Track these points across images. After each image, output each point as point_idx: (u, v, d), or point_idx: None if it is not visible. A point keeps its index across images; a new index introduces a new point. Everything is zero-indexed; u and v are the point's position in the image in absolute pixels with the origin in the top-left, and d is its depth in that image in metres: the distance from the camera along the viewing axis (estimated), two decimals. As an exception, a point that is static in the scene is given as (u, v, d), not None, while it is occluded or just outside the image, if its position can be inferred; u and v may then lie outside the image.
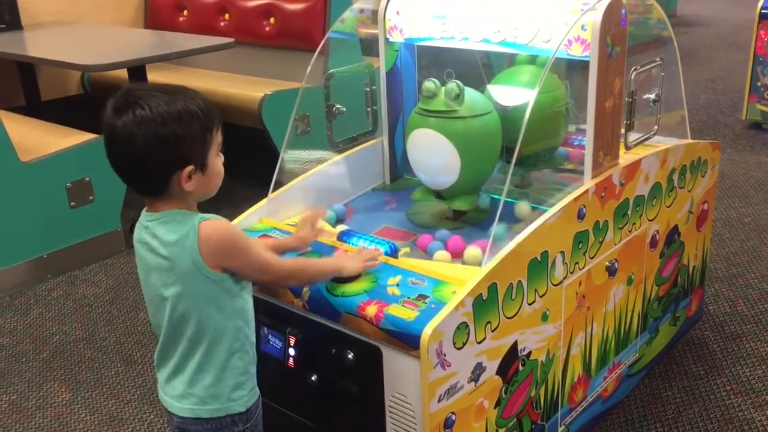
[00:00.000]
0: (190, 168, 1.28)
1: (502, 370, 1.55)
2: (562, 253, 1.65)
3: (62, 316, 2.71)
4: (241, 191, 1.77)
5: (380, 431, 1.50)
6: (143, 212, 1.35)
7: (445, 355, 1.39)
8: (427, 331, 1.35)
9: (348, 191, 2.03)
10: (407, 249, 1.73)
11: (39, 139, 3.07)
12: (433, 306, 1.42)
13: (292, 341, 1.58)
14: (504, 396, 1.58)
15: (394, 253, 1.62)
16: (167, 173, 1.27)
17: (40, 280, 2.94)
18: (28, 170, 2.84)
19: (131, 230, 3.50)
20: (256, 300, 1.48)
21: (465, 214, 1.87)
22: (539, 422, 1.73)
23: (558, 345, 1.73)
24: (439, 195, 1.85)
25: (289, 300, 1.57)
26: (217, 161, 1.34)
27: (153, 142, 1.24)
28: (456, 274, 1.51)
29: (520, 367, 1.61)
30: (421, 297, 1.46)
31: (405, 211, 1.95)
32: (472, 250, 1.64)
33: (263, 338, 1.64)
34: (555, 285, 1.66)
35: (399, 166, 2.11)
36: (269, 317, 1.62)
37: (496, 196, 1.90)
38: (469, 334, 1.44)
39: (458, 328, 1.41)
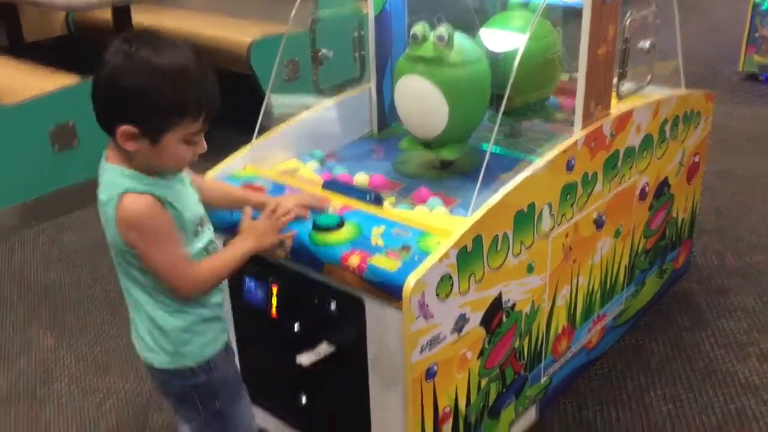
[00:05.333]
0: (129, 128, 1.19)
1: (485, 322, 1.55)
2: (549, 204, 1.63)
3: (48, 263, 2.69)
4: (232, 138, 1.73)
5: (362, 382, 1.50)
6: (103, 157, 1.29)
7: (427, 306, 1.38)
8: (410, 282, 1.34)
9: (334, 139, 1.99)
10: (392, 199, 1.70)
11: (22, 82, 3.00)
12: (416, 257, 1.40)
13: (274, 291, 1.57)
14: (487, 347, 1.58)
15: (378, 202, 1.59)
16: (108, 117, 1.20)
17: (25, 226, 2.91)
18: (9, 113, 2.78)
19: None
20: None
21: (453, 164, 1.84)
22: (522, 373, 1.74)
23: (543, 297, 1.72)
24: (426, 144, 1.81)
25: (271, 249, 1.55)
26: (178, 147, 1.22)
27: (111, 77, 1.18)
28: (441, 224, 1.49)
29: (504, 319, 1.60)
30: (405, 248, 1.43)
31: (392, 161, 1.91)
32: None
33: (246, 288, 1.62)
34: (541, 237, 1.64)
35: (387, 115, 2.07)
36: (252, 266, 1.59)
37: (485, 146, 1.86)
38: (452, 285, 1.42)
39: (441, 279, 1.39)
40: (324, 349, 1.52)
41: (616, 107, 1.78)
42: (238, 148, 1.80)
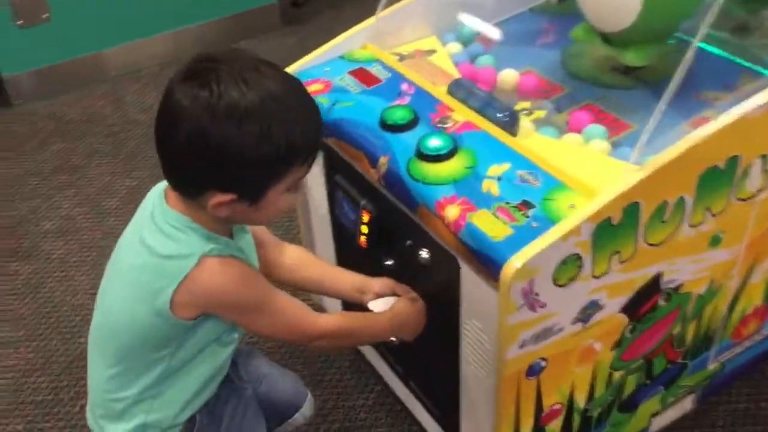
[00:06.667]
0: (225, 197, 0.92)
1: (630, 308, 1.14)
2: (764, 157, 1.11)
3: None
4: (351, 6, 1.37)
5: (453, 348, 1.19)
6: (162, 194, 1.00)
7: (536, 295, 1.00)
8: (514, 263, 0.96)
9: (494, 9, 1.52)
10: (543, 112, 1.27)
11: None
12: (535, 224, 1.00)
13: (365, 218, 1.26)
14: (628, 336, 1.18)
15: (511, 126, 1.16)
16: (191, 184, 0.94)
17: (188, 53, 2.78)
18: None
19: (293, 4, 3.20)
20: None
21: (640, 70, 1.33)
22: (679, 361, 1.32)
23: (731, 273, 1.25)
24: (606, 39, 1.31)
25: (365, 167, 1.22)
26: (284, 198, 0.96)
27: (194, 138, 0.88)
28: (588, 173, 1.05)
29: (661, 303, 1.18)
30: (525, 205, 1.03)
31: (563, 50, 1.43)
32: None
33: (339, 204, 1.33)
34: (742, 200, 1.14)
35: (572, -20, 1.55)
36: (346, 180, 1.29)
37: (690, 39, 1.29)
38: (581, 267, 1.02)
39: (564, 261, 0.99)
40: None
41: None
42: (359, 18, 1.43)
